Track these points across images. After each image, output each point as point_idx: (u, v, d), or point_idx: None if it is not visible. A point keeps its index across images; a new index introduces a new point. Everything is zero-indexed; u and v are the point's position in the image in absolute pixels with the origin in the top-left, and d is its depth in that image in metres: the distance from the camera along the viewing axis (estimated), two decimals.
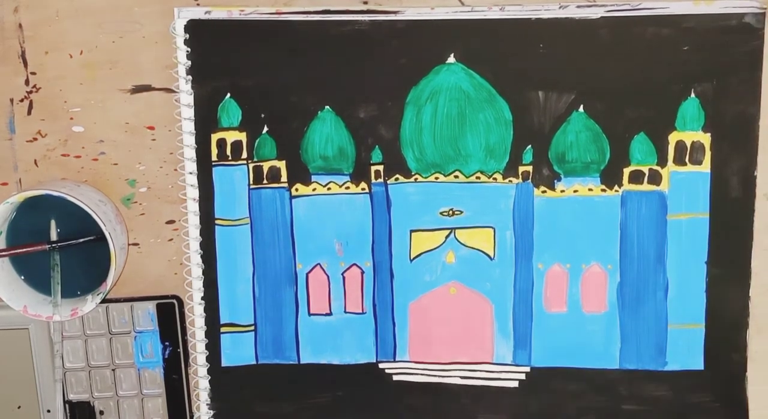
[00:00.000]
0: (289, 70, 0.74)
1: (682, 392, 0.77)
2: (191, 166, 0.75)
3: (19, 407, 0.79)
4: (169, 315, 0.78)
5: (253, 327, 0.78)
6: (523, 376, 0.78)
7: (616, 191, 0.75)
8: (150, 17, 0.74)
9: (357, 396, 0.79)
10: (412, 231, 0.76)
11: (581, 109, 0.74)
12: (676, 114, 0.74)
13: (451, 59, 0.73)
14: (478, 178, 0.75)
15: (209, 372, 0.78)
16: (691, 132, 0.74)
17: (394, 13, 0.73)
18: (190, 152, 0.75)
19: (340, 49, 0.73)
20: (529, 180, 0.75)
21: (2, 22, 0.74)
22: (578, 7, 0.72)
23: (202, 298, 0.77)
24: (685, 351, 0.77)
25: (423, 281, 0.77)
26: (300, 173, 0.76)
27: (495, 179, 0.75)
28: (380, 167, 0.76)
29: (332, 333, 0.78)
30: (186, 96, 0.74)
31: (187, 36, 0.73)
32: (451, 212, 0.76)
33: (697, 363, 0.77)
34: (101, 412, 0.79)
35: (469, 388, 0.79)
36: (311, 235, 0.77)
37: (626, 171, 0.75)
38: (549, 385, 0.78)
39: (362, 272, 0.77)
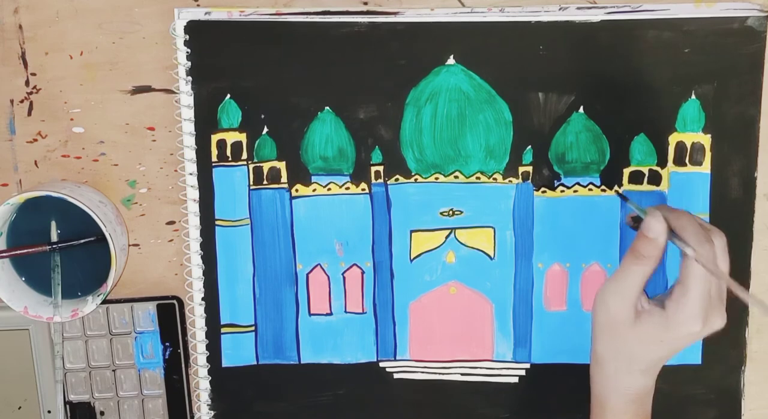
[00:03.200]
0: (289, 71, 0.74)
1: (678, 385, 0.77)
2: (191, 167, 0.75)
3: (19, 408, 0.79)
4: (170, 315, 0.78)
5: (253, 328, 0.78)
6: (523, 372, 0.78)
7: (617, 191, 0.75)
8: (150, 18, 0.74)
9: (358, 395, 0.79)
10: (412, 231, 0.77)
11: (581, 110, 0.74)
12: (676, 115, 0.74)
13: (451, 61, 0.73)
14: (478, 178, 0.75)
15: (210, 372, 0.78)
16: (691, 133, 0.74)
17: (394, 14, 0.73)
18: (190, 153, 0.75)
19: (340, 50, 0.73)
20: (529, 180, 0.75)
21: (2, 23, 0.74)
22: (578, 8, 0.72)
23: (203, 299, 0.77)
24: None
25: (423, 281, 0.77)
26: (300, 174, 0.76)
27: (495, 179, 0.75)
28: (380, 168, 0.76)
29: (333, 333, 0.78)
30: (186, 97, 0.74)
31: (187, 37, 0.73)
32: (451, 213, 0.76)
33: (695, 358, 0.77)
34: (102, 413, 0.79)
35: (470, 384, 0.79)
36: (311, 235, 0.77)
37: (626, 171, 0.75)
38: (548, 381, 0.78)
39: (362, 272, 0.77)
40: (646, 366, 0.65)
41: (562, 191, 0.75)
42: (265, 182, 0.76)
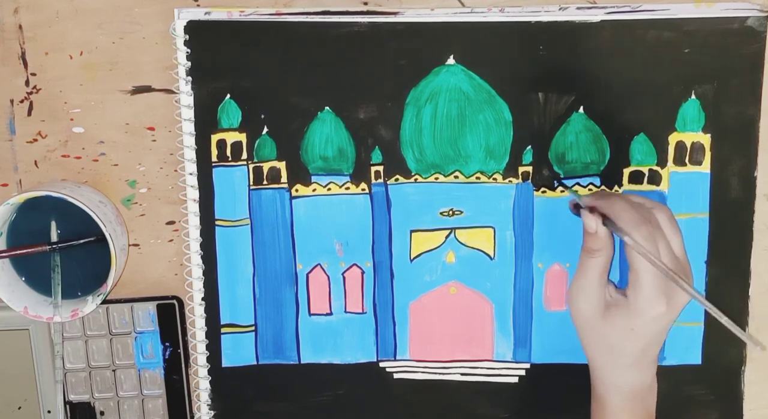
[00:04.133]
0: (288, 71, 0.74)
1: (678, 385, 0.77)
2: (191, 167, 0.75)
3: (19, 408, 0.79)
4: (170, 315, 0.78)
5: (253, 328, 0.78)
6: (523, 372, 0.78)
7: (617, 191, 0.75)
8: (150, 18, 0.74)
9: (358, 395, 0.79)
10: (412, 231, 0.77)
11: (581, 110, 0.74)
12: (676, 115, 0.74)
13: (451, 61, 0.73)
14: (478, 178, 0.75)
15: (210, 372, 0.78)
16: (691, 133, 0.74)
17: (394, 14, 0.73)
18: (190, 153, 0.75)
19: (340, 49, 0.73)
20: (529, 180, 0.75)
21: (2, 23, 0.74)
22: (578, 8, 0.72)
23: (203, 299, 0.77)
24: (684, 347, 0.77)
25: (423, 281, 0.77)
26: (300, 174, 0.76)
27: (495, 179, 0.75)
28: (380, 168, 0.76)
29: (333, 333, 0.78)
30: (186, 97, 0.74)
31: (187, 37, 0.73)
32: (451, 213, 0.76)
33: (695, 358, 0.77)
34: (102, 413, 0.79)
35: (470, 384, 0.79)
36: (311, 235, 0.77)
37: (626, 171, 0.75)
38: (548, 381, 0.78)
39: (362, 272, 0.77)
40: (632, 360, 0.65)
41: (562, 191, 0.75)
42: (265, 182, 0.76)
